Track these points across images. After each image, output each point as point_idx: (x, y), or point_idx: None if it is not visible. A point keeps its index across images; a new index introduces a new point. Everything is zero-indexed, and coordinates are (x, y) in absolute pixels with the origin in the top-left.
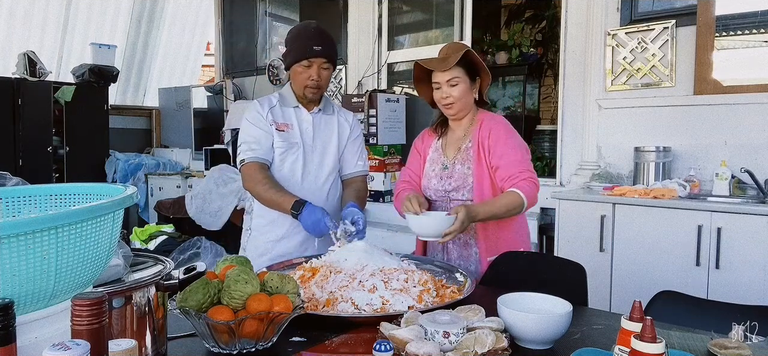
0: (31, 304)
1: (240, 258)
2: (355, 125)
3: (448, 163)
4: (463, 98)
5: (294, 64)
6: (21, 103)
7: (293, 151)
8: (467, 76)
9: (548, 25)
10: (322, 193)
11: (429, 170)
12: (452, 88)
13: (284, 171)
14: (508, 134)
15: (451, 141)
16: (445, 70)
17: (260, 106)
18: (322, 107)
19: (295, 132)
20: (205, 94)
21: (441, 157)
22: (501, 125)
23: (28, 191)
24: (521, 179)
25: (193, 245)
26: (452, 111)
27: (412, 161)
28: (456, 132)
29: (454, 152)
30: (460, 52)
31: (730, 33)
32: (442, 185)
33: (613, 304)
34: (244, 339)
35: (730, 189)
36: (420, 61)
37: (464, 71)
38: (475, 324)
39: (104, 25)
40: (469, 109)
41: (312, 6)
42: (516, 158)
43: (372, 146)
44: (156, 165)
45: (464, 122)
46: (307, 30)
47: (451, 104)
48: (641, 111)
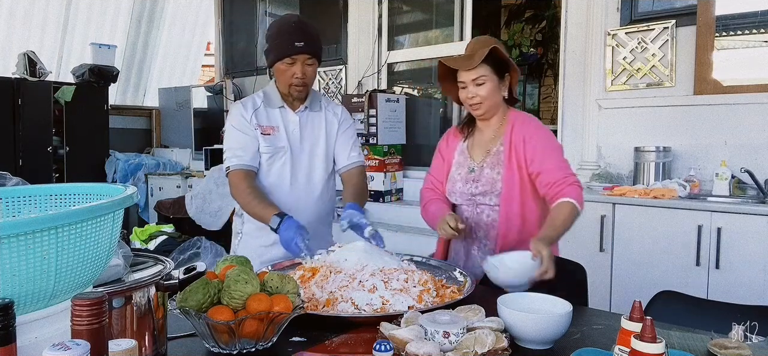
0: (31, 304)
1: (240, 258)
2: (344, 117)
3: (475, 166)
4: (491, 97)
5: (277, 62)
6: (21, 103)
7: (280, 156)
8: (495, 74)
9: (548, 25)
10: (312, 197)
11: (454, 174)
12: (479, 87)
13: (272, 177)
14: (544, 137)
15: (478, 143)
16: (471, 68)
17: (244, 108)
18: (308, 105)
19: (281, 135)
20: (205, 94)
21: (467, 160)
22: (535, 129)
23: (28, 191)
24: (567, 185)
25: (193, 245)
26: (480, 111)
27: (436, 166)
28: (485, 133)
29: (483, 154)
30: (486, 48)
31: (730, 33)
32: (468, 189)
33: (613, 304)
34: (244, 339)
35: (730, 189)
36: (443, 59)
37: (491, 69)
38: (475, 324)
39: (104, 25)
40: (497, 108)
41: (312, 6)
42: (557, 164)
43: (372, 146)
44: (156, 165)
45: (493, 122)
46: (288, 25)
47: (479, 104)
48: (641, 111)
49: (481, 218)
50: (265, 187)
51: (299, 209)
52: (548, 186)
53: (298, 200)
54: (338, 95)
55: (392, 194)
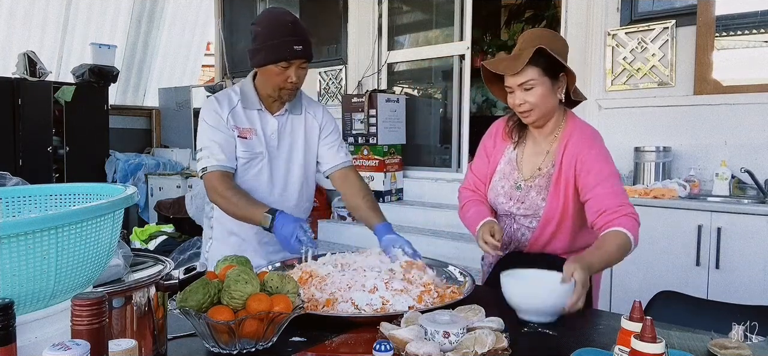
0: (31, 304)
1: (240, 258)
2: (325, 122)
3: (522, 183)
4: (543, 103)
5: (269, 65)
6: (21, 103)
7: (256, 162)
8: (546, 76)
9: (548, 25)
10: (289, 204)
11: (497, 185)
12: (527, 92)
13: (248, 183)
14: (599, 157)
15: (529, 155)
16: (516, 73)
17: (219, 105)
18: (289, 108)
19: (259, 139)
20: (205, 94)
21: (514, 172)
22: (590, 147)
23: (28, 191)
24: (622, 215)
25: (193, 245)
26: (530, 119)
27: (479, 165)
28: (538, 142)
29: (532, 171)
30: (532, 49)
31: (730, 33)
32: (510, 207)
33: (613, 304)
34: (244, 339)
35: (730, 189)
36: (486, 63)
37: (540, 71)
38: (475, 324)
39: (104, 25)
40: (552, 113)
41: (312, 6)
42: (611, 190)
43: (372, 146)
44: (156, 165)
45: (547, 129)
46: (285, 25)
47: (529, 111)
48: (641, 111)
49: (516, 235)
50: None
51: None
52: (598, 214)
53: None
54: (338, 95)
55: (392, 194)
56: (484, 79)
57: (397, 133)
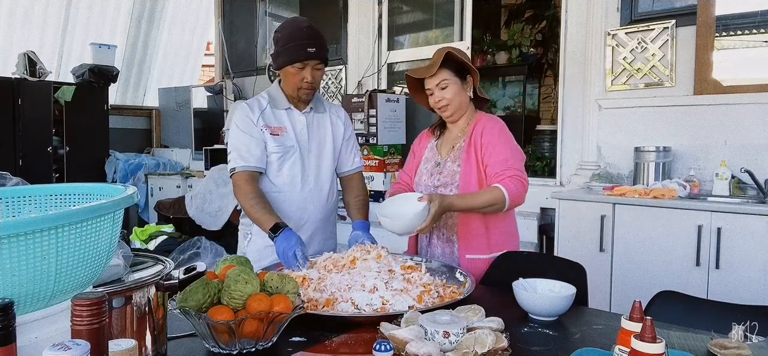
0: (31, 304)
1: (240, 258)
2: (348, 122)
3: (440, 160)
4: (456, 99)
5: (287, 66)
6: (21, 103)
7: (290, 155)
8: (456, 77)
9: (548, 25)
10: (321, 196)
11: (422, 168)
12: (443, 90)
13: (283, 177)
14: (502, 133)
15: (446, 140)
16: (432, 75)
17: (250, 110)
18: (313, 106)
19: (290, 135)
20: (205, 94)
21: (435, 155)
22: (495, 125)
23: (28, 191)
24: (507, 176)
25: (193, 245)
26: (448, 113)
27: (408, 163)
28: (452, 132)
29: (448, 150)
30: (443, 54)
31: (730, 33)
32: (432, 181)
33: (613, 304)
34: (244, 339)
35: (730, 189)
36: (409, 72)
37: (452, 72)
38: (475, 324)
39: (104, 25)
40: (465, 109)
41: (312, 6)
42: (505, 156)
43: (372, 146)
44: (156, 165)
45: (461, 122)
46: (301, 30)
47: (446, 105)
48: (641, 111)
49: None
50: (277, 186)
51: (309, 208)
52: (490, 177)
53: (309, 199)
54: (338, 95)
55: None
56: (409, 89)
57: (397, 133)
